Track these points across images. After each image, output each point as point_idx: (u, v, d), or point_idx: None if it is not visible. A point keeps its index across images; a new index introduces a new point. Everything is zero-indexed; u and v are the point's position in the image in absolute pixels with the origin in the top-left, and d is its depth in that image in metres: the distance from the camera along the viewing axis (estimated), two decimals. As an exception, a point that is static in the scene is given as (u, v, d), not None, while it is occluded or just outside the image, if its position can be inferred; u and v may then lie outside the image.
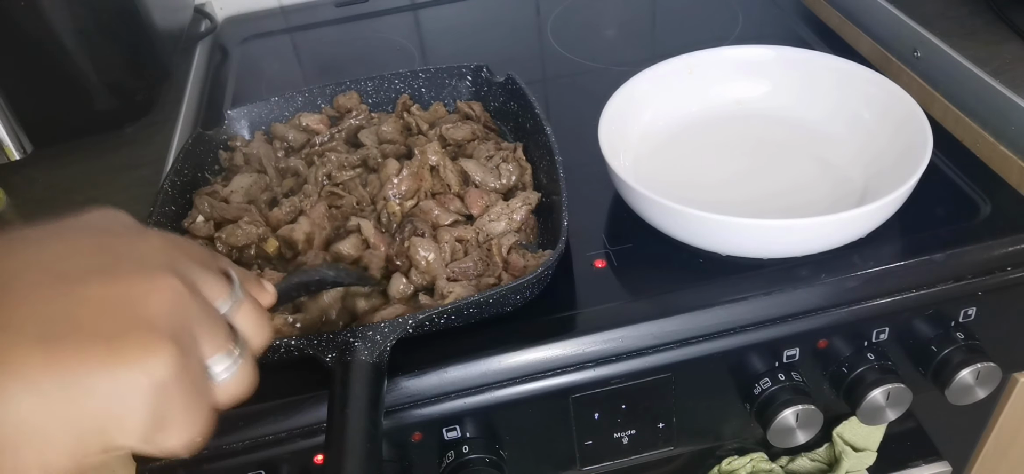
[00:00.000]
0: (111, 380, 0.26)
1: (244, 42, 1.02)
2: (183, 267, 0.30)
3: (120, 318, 0.27)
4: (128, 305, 0.27)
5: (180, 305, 0.28)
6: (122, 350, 0.26)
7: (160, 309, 0.27)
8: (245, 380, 0.32)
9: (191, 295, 0.29)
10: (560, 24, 0.96)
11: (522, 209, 0.60)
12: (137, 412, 0.26)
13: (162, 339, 0.27)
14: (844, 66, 0.68)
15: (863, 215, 0.53)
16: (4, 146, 0.64)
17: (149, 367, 0.26)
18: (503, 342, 0.53)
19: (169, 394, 0.27)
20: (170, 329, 0.27)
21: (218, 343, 0.31)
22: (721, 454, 0.65)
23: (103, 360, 0.26)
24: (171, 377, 0.27)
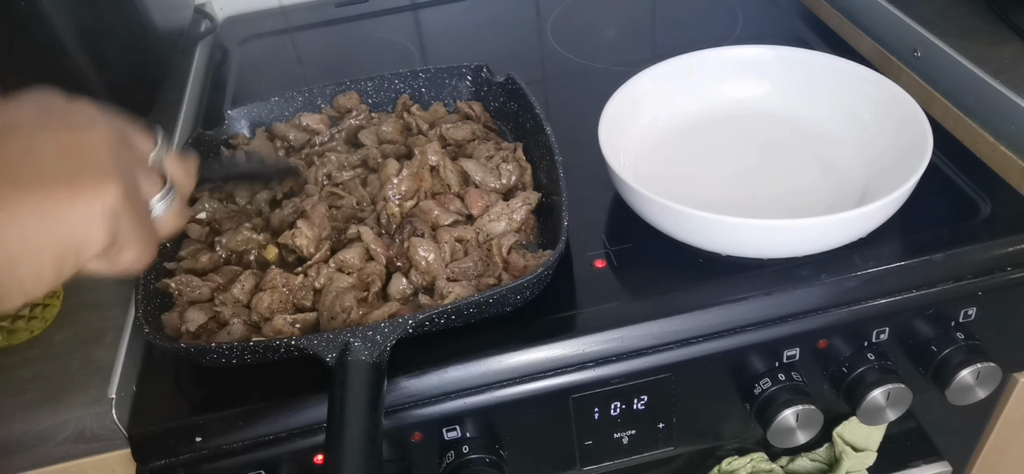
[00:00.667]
0: (74, 211, 0.33)
1: (244, 42, 1.02)
2: (115, 123, 0.36)
3: (76, 162, 0.33)
4: (75, 151, 0.33)
5: (117, 151, 0.35)
6: (80, 186, 0.33)
7: (103, 154, 0.34)
8: (178, 216, 0.40)
9: (124, 144, 0.36)
10: (560, 24, 0.96)
11: (522, 209, 0.60)
12: (97, 233, 0.33)
13: (110, 176, 0.34)
14: (844, 66, 0.68)
15: (863, 215, 0.53)
16: (4, 146, 0.64)
17: (103, 197, 0.33)
18: (503, 342, 0.53)
19: (120, 219, 0.34)
20: (114, 169, 0.34)
21: (153, 182, 0.38)
22: (721, 454, 0.65)
23: (67, 196, 0.32)
24: (120, 205, 0.34)
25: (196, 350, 0.49)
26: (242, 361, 0.50)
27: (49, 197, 0.32)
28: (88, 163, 0.33)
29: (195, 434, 0.51)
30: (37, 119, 0.34)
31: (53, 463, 0.54)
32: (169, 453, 0.51)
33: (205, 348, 0.49)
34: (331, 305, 0.54)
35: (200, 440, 0.51)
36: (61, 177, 0.32)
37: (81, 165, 0.33)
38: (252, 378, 0.52)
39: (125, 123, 0.38)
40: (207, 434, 0.51)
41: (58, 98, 0.37)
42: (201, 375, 0.54)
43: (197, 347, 0.50)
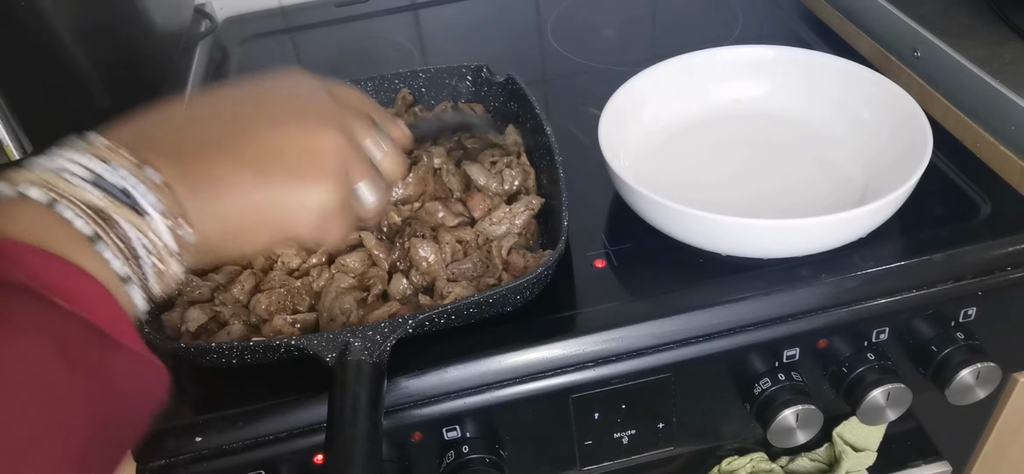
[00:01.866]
0: (295, 199, 0.39)
1: (244, 42, 1.02)
2: (345, 120, 0.42)
3: (305, 160, 0.39)
4: (310, 150, 0.39)
5: (342, 154, 0.41)
6: (303, 182, 0.39)
7: (331, 157, 0.40)
8: (382, 200, 0.44)
9: (349, 145, 0.41)
10: (560, 24, 0.96)
11: (524, 213, 0.59)
12: (309, 221, 0.40)
13: (328, 178, 0.40)
14: (844, 66, 0.68)
15: (863, 215, 0.53)
16: (4, 146, 0.64)
17: (318, 195, 0.39)
18: (503, 342, 0.53)
19: (329, 211, 0.40)
20: (334, 171, 0.40)
21: (363, 174, 0.42)
22: (721, 454, 0.65)
23: (292, 186, 0.39)
24: (330, 202, 0.40)
25: (196, 350, 0.49)
26: (242, 361, 0.50)
27: (281, 185, 0.38)
28: (317, 165, 0.39)
29: (195, 434, 0.51)
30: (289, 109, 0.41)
31: (53, 463, 0.54)
32: (169, 453, 0.51)
33: (205, 348, 0.49)
34: (331, 306, 0.54)
35: (200, 440, 0.51)
36: (293, 173, 0.39)
37: (311, 166, 0.39)
38: (252, 378, 0.52)
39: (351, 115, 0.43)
40: (207, 434, 0.51)
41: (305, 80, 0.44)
42: (201, 375, 0.54)
43: (197, 347, 0.50)
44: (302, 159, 0.39)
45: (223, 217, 0.37)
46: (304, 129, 0.40)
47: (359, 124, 0.43)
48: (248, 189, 0.38)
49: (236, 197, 0.37)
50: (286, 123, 0.40)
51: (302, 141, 0.39)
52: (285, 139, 0.39)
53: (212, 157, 0.37)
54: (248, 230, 0.38)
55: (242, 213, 0.38)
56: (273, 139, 0.39)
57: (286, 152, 0.39)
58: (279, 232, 0.39)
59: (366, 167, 0.43)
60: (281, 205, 0.39)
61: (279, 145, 0.39)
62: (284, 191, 0.39)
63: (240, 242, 0.39)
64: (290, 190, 0.39)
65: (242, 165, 0.38)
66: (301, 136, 0.40)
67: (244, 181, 0.38)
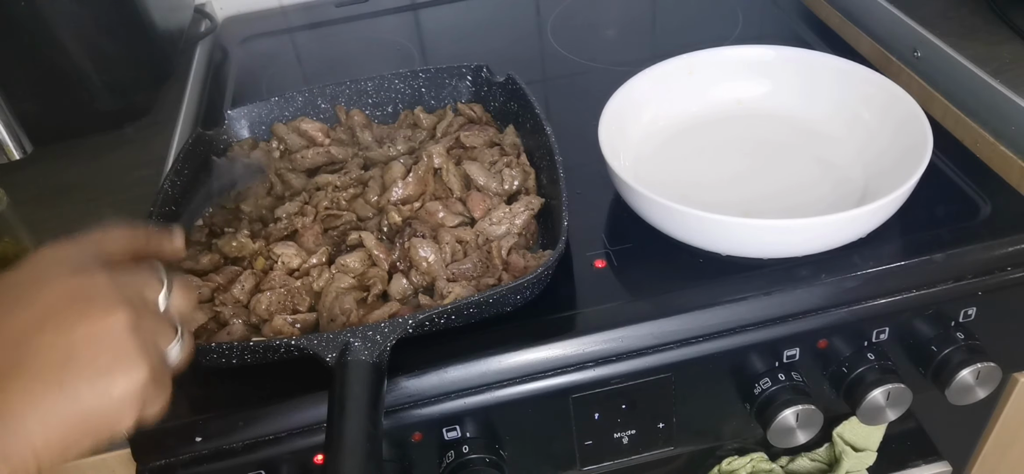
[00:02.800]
0: (109, 398, 0.35)
1: (244, 42, 1.02)
2: (128, 288, 0.38)
3: (104, 352, 0.35)
4: (107, 340, 0.36)
5: (138, 328, 0.37)
6: (115, 375, 0.36)
7: (128, 337, 0.36)
8: (187, 350, 0.42)
9: (141, 314, 0.38)
10: (560, 24, 0.96)
11: (524, 213, 0.59)
12: (131, 408, 0.36)
13: (136, 360, 0.36)
14: (844, 66, 0.68)
15: (863, 215, 0.53)
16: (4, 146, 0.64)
17: (133, 381, 0.36)
18: (503, 342, 0.53)
19: (148, 390, 0.37)
20: (139, 349, 0.36)
21: (168, 336, 0.40)
22: (721, 454, 0.65)
23: (103, 386, 0.35)
24: (147, 382, 0.37)
25: (196, 350, 0.49)
26: (242, 361, 0.50)
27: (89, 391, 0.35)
28: (119, 351, 0.36)
29: (195, 434, 0.51)
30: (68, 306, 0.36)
31: (53, 463, 0.54)
32: (169, 453, 0.51)
33: (205, 348, 0.49)
34: (331, 306, 0.54)
35: (200, 440, 0.51)
36: (99, 371, 0.35)
37: (114, 355, 0.36)
38: (252, 378, 0.52)
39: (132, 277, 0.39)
40: (207, 434, 0.51)
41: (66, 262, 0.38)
42: (201, 375, 0.54)
43: (197, 347, 0.49)
44: (102, 354, 0.35)
45: (35, 443, 0.33)
46: (92, 320, 0.36)
47: (138, 279, 0.39)
48: (56, 406, 0.34)
49: (44, 419, 0.34)
50: (72, 322, 0.35)
51: (95, 334, 0.35)
52: (77, 339, 0.35)
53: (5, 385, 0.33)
54: (66, 445, 0.35)
55: (56, 432, 0.34)
56: (65, 344, 0.35)
57: (83, 352, 0.35)
58: (102, 432, 0.36)
59: (165, 327, 0.40)
60: (96, 409, 0.35)
61: (73, 349, 0.35)
62: (94, 395, 0.35)
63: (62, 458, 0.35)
64: (101, 391, 0.35)
65: (41, 383, 0.34)
66: (92, 329, 0.35)
67: (49, 399, 0.34)
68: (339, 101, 0.74)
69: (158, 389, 0.38)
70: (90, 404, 0.35)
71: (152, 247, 0.43)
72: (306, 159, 0.68)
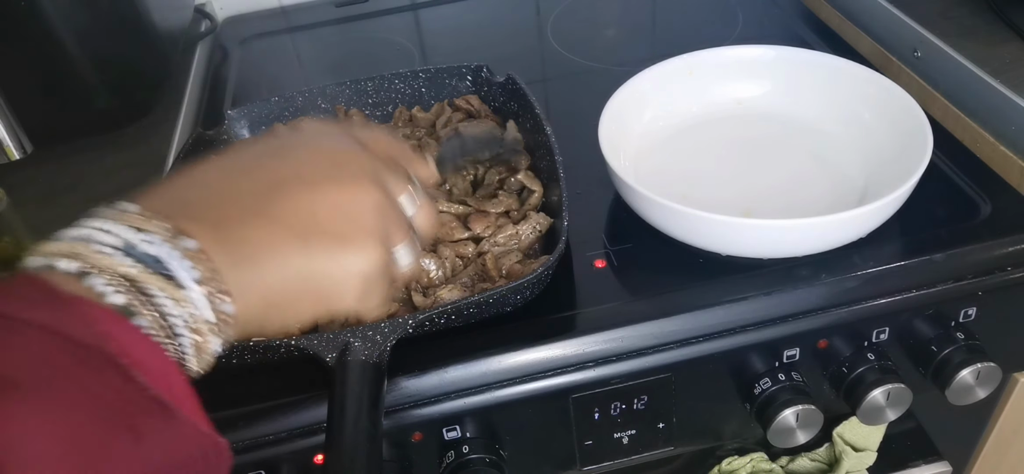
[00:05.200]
0: (340, 267, 0.36)
1: (244, 42, 1.02)
2: (382, 176, 0.39)
3: (346, 221, 0.37)
4: (351, 210, 0.37)
5: (383, 212, 0.38)
6: (348, 247, 0.36)
7: (371, 214, 0.37)
8: (417, 262, 0.42)
9: (389, 204, 0.39)
10: (560, 24, 0.96)
11: (531, 236, 0.59)
12: (353, 290, 0.37)
13: (374, 240, 0.37)
14: (844, 66, 0.68)
15: (863, 215, 0.53)
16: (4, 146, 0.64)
17: (364, 260, 0.37)
18: (503, 342, 0.53)
19: (373, 278, 0.37)
20: (377, 231, 0.37)
21: (402, 237, 0.40)
22: (721, 454, 0.65)
23: (336, 253, 0.36)
24: (376, 267, 0.37)
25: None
26: (242, 361, 0.50)
27: (323, 251, 0.36)
28: (359, 227, 0.37)
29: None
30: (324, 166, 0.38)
31: (53, 463, 0.54)
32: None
33: (205, 348, 0.49)
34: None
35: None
36: (336, 237, 0.36)
37: (353, 228, 0.37)
38: (252, 378, 0.52)
39: (387, 169, 0.40)
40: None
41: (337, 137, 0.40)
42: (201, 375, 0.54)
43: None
44: (344, 221, 0.37)
45: (264, 288, 0.34)
46: (343, 188, 0.37)
47: (393, 176, 0.41)
48: (289, 256, 0.35)
49: (277, 265, 0.35)
50: (324, 183, 0.37)
51: (342, 202, 0.37)
52: (324, 200, 0.37)
53: (250, 223, 0.34)
54: (291, 302, 0.36)
55: (284, 283, 0.35)
56: (312, 201, 0.36)
57: (326, 214, 0.36)
58: (322, 304, 0.37)
59: (404, 225, 0.40)
60: (324, 273, 0.36)
61: (318, 207, 0.36)
62: (326, 257, 0.36)
63: (283, 314, 0.36)
64: (333, 256, 0.36)
65: (282, 230, 0.35)
66: (340, 196, 0.37)
67: (285, 248, 0.35)
68: (339, 101, 0.74)
69: (380, 285, 0.38)
70: (320, 267, 0.35)
71: (409, 159, 0.44)
72: None
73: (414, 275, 0.44)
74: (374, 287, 0.38)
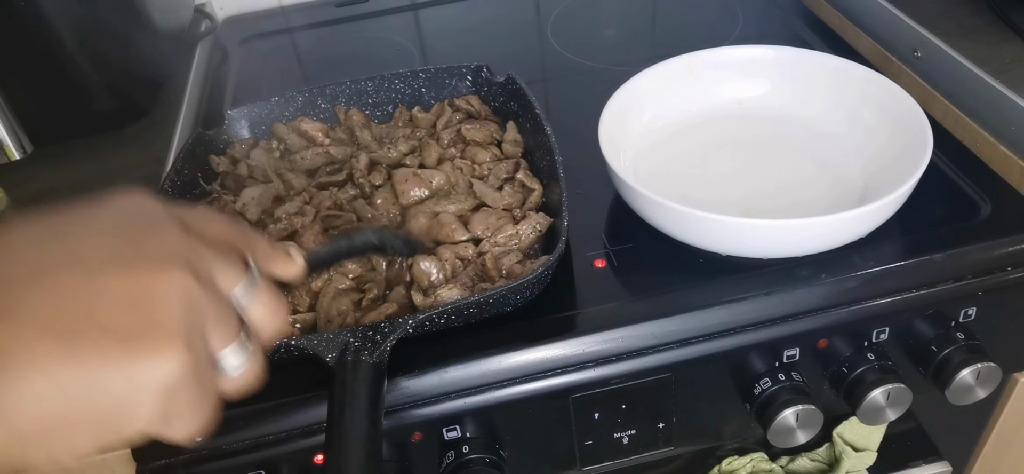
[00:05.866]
0: (126, 379, 0.27)
1: (244, 42, 1.02)
2: (198, 258, 0.30)
3: (135, 316, 0.28)
4: (143, 302, 0.28)
5: (192, 302, 0.29)
6: (136, 351, 0.27)
7: (172, 308, 0.28)
8: (252, 374, 0.33)
9: (203, 290, 0.30)
10: (560, 24, 0.96)
11: (531, 236, 0.58)
12: (147, 409, 0.28)
13: (173, 341, 0.28)
14: (844, 66, 0.68)
15: (863, 215, 0.53)
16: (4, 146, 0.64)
17: (160, 368, 0.27)
18: (503, 342, 0.53)
19: (177, 392, 0.28)
20: (181, 329, 0.28)
21: (227, 338, 0.31)
22: (721, 454, 0.65)
23: (118, 360, 0.27)
24: (180, 378, 0.28)
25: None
26: (242, 361, 0.50)
27: (100, 359, 0.27)
28: (153, 321, 0.28)
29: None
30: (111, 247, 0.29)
31: (53, 463, 0.54)
32: (169, 453, 0.51)
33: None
34: (328, 308, 0.54)
35: (200, 440, 0.51)
36: (117, 334, 0.27)
37: (144, 323, 0.28)
38: (252, 378, 0.52)
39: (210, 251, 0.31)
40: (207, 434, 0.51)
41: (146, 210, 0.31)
42: None
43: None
44: (132, 318, 0.27)
45: (13, 415, 0.25)
46: (132, 274, 0.28)
47: (217, 260, 0.32)
48: (52, 367, 0.26)
49: (30, 381, 0.26)
50: (106, 267, 0.28)
51: (130, 291, 0.28)
52: (104, 290, 0.27)
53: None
54: (55, 430, 0.26)
55: (45, 407, 0.26)
56: (86, 291, 0.27)
57: (106, 309, 0.27)
58: (105, 430, 0.27)
59: (230, 322, 0.31)
60: (102, 388, 0.27)
61: (95, 300, 0.27)
62: (105, 367, 0.26)
63: (46, 448, 0.27)
64: (114, 364, 0.27)
65: (36, 333, 0.26)
66: (128, 283, 0.28)
67: (41, 357, 0.26)
68: (339, 101, 0.74)
69: (193, 399, 0.29)
70: (97, 380, 0.26)
71: (258, 250, 0.35)
72: (306, 159, 0.68)
73: (251, 386, 0.34)
74: (182, 404, 0.29)
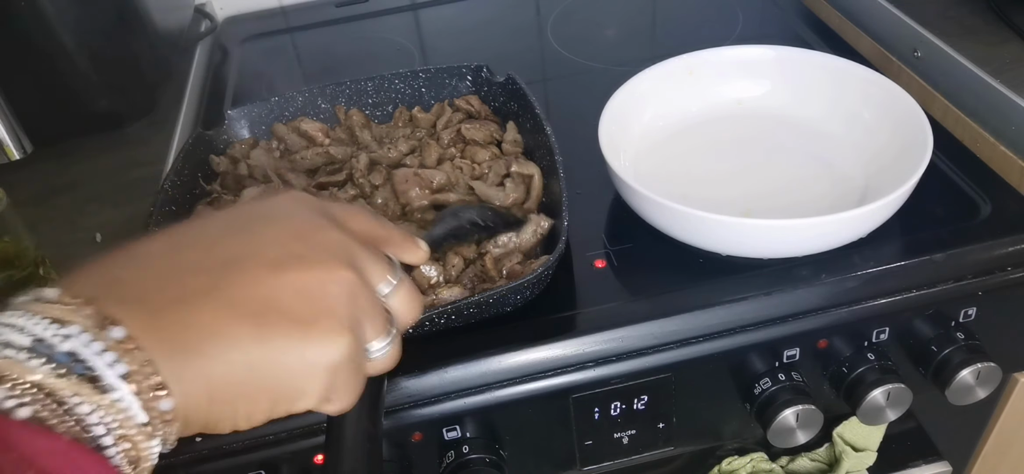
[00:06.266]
0: (300, 359, 0.32)
1: (244, 42, 1.02)
2: (357, 257, 0.35)
3: (311, 305, 0.32)
4: (317, 293, 0.33)
5: (355, 297, 0.34)
6: (311, 334, 0.32)
7: (340, 300, 0.33)
8: (393, 356, 0.37)
9: (363, 287, 0.35)
10: (560, 24, 0.96)
11: (532, 240, 0.58)
12: (316, 386, 0.33)
13: (342, 328, 0.33)
14: (844, 66, 0.68)
15: (863, 215, 0.53)
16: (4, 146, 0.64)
17: (330, 351, 0.32)
18: (503, 342, 0.53)
19: (340, 373, 0.33)
20: (348, 320, 0.33)
21: (378, 329, 0.36)
22: (721, 454, 0.65)
23: (297, 341, 0.32)
24: (344, 360, 0.33)
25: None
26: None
27: (283, 338, 0.31)
28: (326, 311, 0.32)
29: (195, 434, 0.51)
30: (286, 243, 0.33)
31: (53, 463, 0.54)
32: (169, 453, 0.51)
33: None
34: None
35: (200, 440, 0.51)
36: (297, 322, 0.32)
37: (319, 312, 0.32)
38: (252, 378, 0.52)
39: (363, 251, 0.36)
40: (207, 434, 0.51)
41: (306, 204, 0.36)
42: None
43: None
44: (308, 306, 0.32)
45: (211, 380, 0.30)
46: (309, 269, 0.33)
47: (371, 259, 0.36)
48: (242, 344, 0.30)
49: (225, 354, 0.30)
50: (287, 261, 0.33)
51: (307, 284, 0.33)
52: (286, 281, 0.32)
53: (196, 305, 0.30)
54: (242, 397, 0.31)
55: (235, 375, 0.31)
56: (272, 281, 0.32)
57: (287, 297, 0.32)
58: (280, 401, 0.32)
59: (380, 316, 0.36)
60: (281, 364, 0.31)
61: (279, 289, 0.32)
62: (285, 346, 0.31)
63: (233, 412, 0.31)
64: (293, 345, 0.31)
65: (232, 314, 0.31)
66: (305, 277, 0.33)
67: (235, 334, 0.30)
68: (339, 101, 0.74)
69: (350, 380, 0.34)
70: (278, 357, 0.31)
71: (393, 242, 0.40)
72: (306, 159, 0.68)
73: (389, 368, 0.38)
74: (341, 383, 0.34)
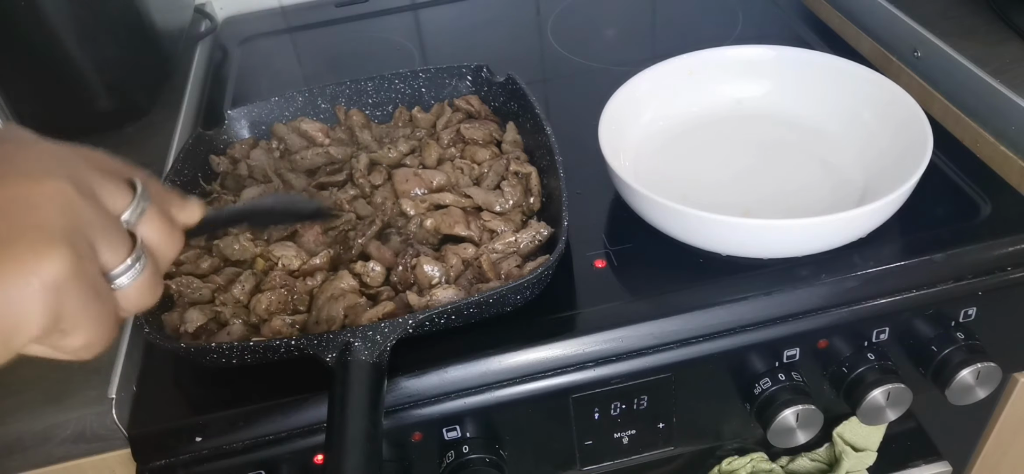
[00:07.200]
0: (4, 285, 0.26)
1: (244, 42, 1.02)
2: (80, 173, 0.30)
3: (14, 222, 0.27)
4: (17, 209, 0.27)
5: (72, 209, 0.28)
6: (13, 254, 0.26)
7: (50, 213, 0.28)
8: (147, 289, 0.32)
9: (84, 200, 0.29)
10: (560, 24, 0.96)
11: (531, 245, 0.58)
12: (33, 314, 0.27)
13: (53, 241, 0.27)
14: (844, 66, 0.68)
15: (863, 215, 0.53)
16: (4, 146, 0.64)
17: (41, 269, 0.27)
18: (503, 342, 0.53)
19: (64, 296, 0.27)
20: (61, 232, 0.28)
21: (116, 250, 0.31)
22: (721, 454, 0.65)
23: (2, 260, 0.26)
24: (65, 279, 0.27)
25: (196, 350, 0.49)
26: (242, 361, 0.50)
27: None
28: (30, 224, 0.27)
29: (195, 434, 0.51)
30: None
31: (53, 463, 0.54)
32: (169, 453, 0.51)
33: (205, 348, 0.49)
34: (322, 308, 0.54)
35: (200, 440, 0.51)
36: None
37: (21, 226, 0.27)
38: (252, 378, 0.52)
39: (95, 171, 0.31)
40: (207, 434, 0.51)
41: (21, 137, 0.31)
42: (201, 375, 0.54)
43: (197, 347, 0.50)
44: (10, 215, 0.27)
45: None
46: (10, 185, 0.28)
47: (102, 179, 0.31)
48: None
49: None
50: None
51: (10, 190, 0.27)
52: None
53: None
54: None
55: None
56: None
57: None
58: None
59: (116, 234, 0.31)
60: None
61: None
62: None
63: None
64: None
65: None
66: (9, 183, 0.28)
67: None
68: (339, 101, 0.74)
69: (86, 306, 0.28)
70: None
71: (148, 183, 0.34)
72: (306, 159, 0.68)
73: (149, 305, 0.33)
74: (72, 310, 0.28)
